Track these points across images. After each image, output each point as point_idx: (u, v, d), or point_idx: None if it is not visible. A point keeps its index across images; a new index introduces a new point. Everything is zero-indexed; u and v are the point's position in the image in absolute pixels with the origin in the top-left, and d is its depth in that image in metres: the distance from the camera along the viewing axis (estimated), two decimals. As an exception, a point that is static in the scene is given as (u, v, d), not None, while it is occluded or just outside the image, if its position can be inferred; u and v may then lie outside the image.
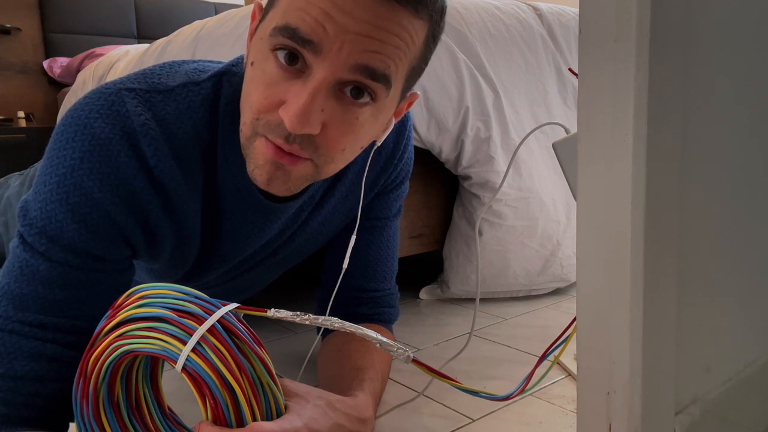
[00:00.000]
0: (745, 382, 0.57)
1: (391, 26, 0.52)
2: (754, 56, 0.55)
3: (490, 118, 1.17)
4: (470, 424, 0.73)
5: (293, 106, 0.52)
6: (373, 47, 0.51)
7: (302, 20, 0.51)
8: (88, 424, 0.51)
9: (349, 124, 0.55)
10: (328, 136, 0.55)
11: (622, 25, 0.40)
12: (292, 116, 0.51)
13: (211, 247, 0.69)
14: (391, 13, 0.51)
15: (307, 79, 0.52)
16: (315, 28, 0.50)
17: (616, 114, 0.42)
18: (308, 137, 0.54)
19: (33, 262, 0.56)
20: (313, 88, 0.51)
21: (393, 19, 0.51)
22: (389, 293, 0.84)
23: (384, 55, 0.52)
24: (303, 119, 0.51)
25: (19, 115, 2.71)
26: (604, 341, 0.45)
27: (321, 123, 0.53)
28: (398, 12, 0.51)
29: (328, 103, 0.53)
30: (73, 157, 0.55)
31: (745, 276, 0.58)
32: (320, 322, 0.51)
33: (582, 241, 0.46)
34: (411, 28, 0.53)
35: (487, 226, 1.20)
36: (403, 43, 0.53)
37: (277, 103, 0.53)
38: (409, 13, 0.52)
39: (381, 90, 0.54)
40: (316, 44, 0.51)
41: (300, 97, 0.52)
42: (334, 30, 0.50)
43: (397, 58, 0.54)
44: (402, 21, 0.52)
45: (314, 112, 0.52)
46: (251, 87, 0.55)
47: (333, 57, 0.51)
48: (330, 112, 0.54)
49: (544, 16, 1.35)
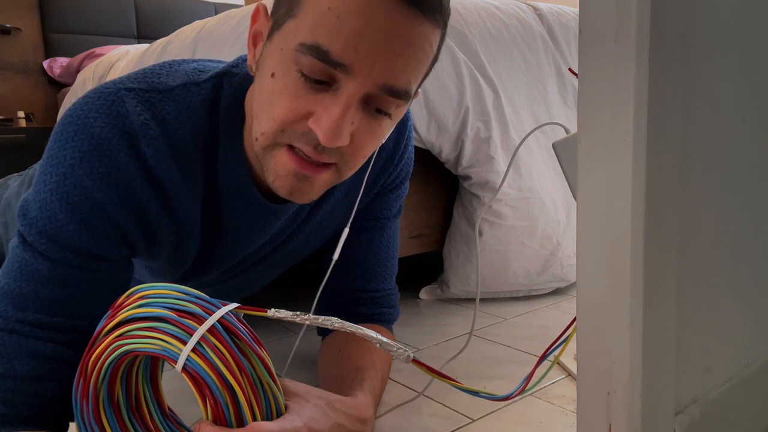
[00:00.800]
0: (745, 382, 0.57)
1: (416, 39, 0.52)
2: (754, 56, 0.55)
3: (490, 118, 1.17)
4: (470, 424, 0.73)
5: (327, 121, 0.52)
6: (401, 66, 0.52)
7: (333, 42, 0.50)
8: (88, 424, 0.51)
9: (373, 133, 0.57)
10: (355, 145, 0.56)
11: (622, 25, 0.40)
12: (327, 130, 0.52)
13: (211, 246, 0.69)
14: (416, 26, 0.52)
15: (337, 93, 0.52)
16: (347, 50, 0.50)
17: (616, 114, 0.42)
18: (337, 147, 0.54)
19: (33, 262, 0.56)
20: (345, 103, 0.52)
21: (421, 33, 0.52)
22: (389, 293, 0.84)
23: (408, 72, 0.53)
24: (337, 133, 0.52)
25: (19, 115, 2.71)
26: (604, 341, 0.45)
27: (350, 135, 0.54)
28: (423, 24, 0.52)
29: (357, 116, 0.54)
30: (72, 156, 0.55)
31: (745, 276, 0.58)
32: (320, 322, 0.51)
33: (582, 241, 0.46)
34: (432, 37, 0.54)
35: (487, 226, 1.20)
36: (425, 54, 0.54)
37: (304, 115, 0.53)
38: (431, 23, 0.53)
39: (401, 104, 0.56)
40: (347, 66, 0.51)
41: (333, 111, 0.52)
42: (366, 50, 0.50)
43: (418, 71, 0.55)
44: (425, 32, 0.53)
45: (346, 126, 0.53)
46: (273, 98, 0.54)
47: (364, 75, 0.51)
48: (358, 123, 0.55)
49: (544, 16, 1.35)
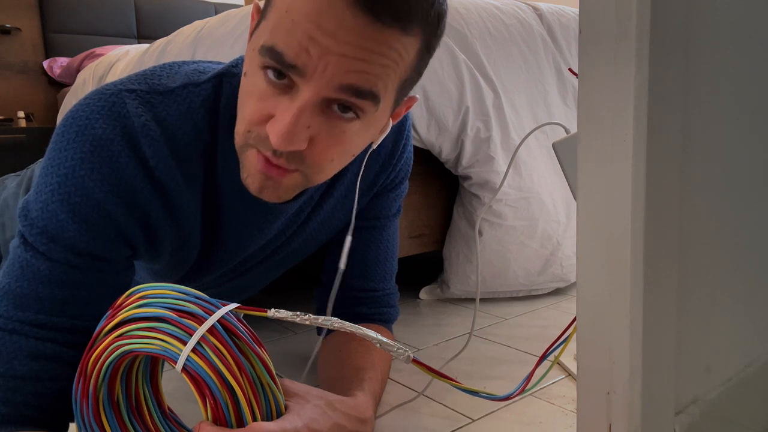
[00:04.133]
0: (745, 382, 0.57)
1: (376, 47, 0.50)
2: (754, 56, 0.55)
3: (490, 118, 1.17)
4: (470, 424, 0.73)
5: (279, 125, 0.52)
6: (358, 67, 0.51)
7: (287, 44, 0.50)
8: (88, 424, 0.51)
9: (336, 138, 0.55)
10: (315, 150, 0.55)
11: (622, 25, 0.40)
12: (278, 135, 0.52)
13: (211, 247, 0.69)
14: (376, 34, 0.50)
15: (294, 96, 0.52)
16: (299, 53, 0.50)
17: (616, 114, 0.42)
18: (295, 152, 0.54)
19: (34, 262, 0.56)
20: (299, 108, 0.51)
21: (378, 39, 0.50)
22: (389, 293, 0.84)
23: (370, 74, 0.51)
24: (288, 138, 0.51)
25: (19, 115, 2.72)
26: (604, 341, 0.45)
27: (307, 139, 0.53)
28: (383, 32, 0.50)
29: (315, 120, 0.53)
30: (74, 157, 0.55)
31: (745, 276, 0.58)
32: (320, 322, 0.52)
33: (582, 241, 0.46)
34: (399, 45, 0.52)
35: (487, 226, 1.20)
36: (391, 61, 0.52)
37: (266, 117, 0.53)
38: (397, 32, 0.51)
39: (368, 106, 0.54)
40: (300, 69, 0.50)
41: (286, 115, 0.52)
42: (318, 53, 0.50)
43: (386, 75, 0.53)
44: (388, 40, 0.51)
45: (300, 131, 0.52)
46: (244, 98, 0.56)
47: (317, 78, 0.50)
48: (317, 127, 0.53)
49: (544, 16, 1.35)
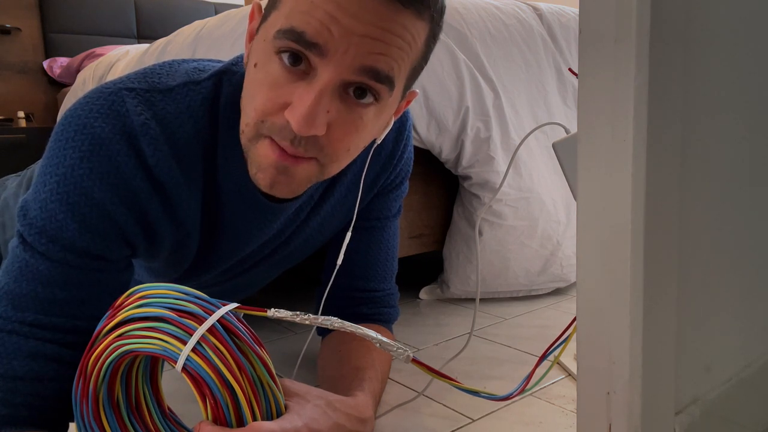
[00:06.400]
0: (745, 382, 0.57)
1: (394, 28, 0.52)
2: (754, 56, 0.55)
3: (490, 118, 1.17)
4: (470, 424, 0.73)
5: (299, 109, 0.52)
6: (378, 49, 0.52)
7: (307, 23, 0.51)
8: (88, 424, 0.51)
9: (354, 124, 0.56)
10: (333, 137, 0.55)
11: (622, 25, 0.40)
12: (299, 118, 0.52)
13: (210, 245, 0.69)
14: (394, 15, 0.52)
15: (312, 81, 0.52)
16: (321, 31, 0.50)
17: (616, 114, 0.42)
18: (314, 138, 0.54)
19: (33, 262, 0.56)
20: (319, 90, 0.52)
21: (396, 20, 0.52)
22: (389, 293, 0.84)
23: (388, 56, 0.53)
24: (309, 121, 0.52)
25: (19, 115, 2.71)
26: (604, 341, 0.45)
27: (326, 124, 0.53)
28: (401, 13, 0.52)
29: (333, 104, 0.53)
30: (73, 156, 0.55)
31: (745, 276, 0.58)
32: (320, 322, 0.51)
33: (582, 241, 0.46)
34: (413, 29, 0.54)
35: (487, 226, 1.20)
36: (405, 44, 0.54)
37: (282, 105, 0.53)
38: (412, 14, 0.53)
39: (385, 91, 0.55)
40: (321, 47, 0.51)
41: (306, 99, 0.52)
42: (340, 32, 0.50)
43: (400, 59, 0.54)
44: (405, 22, 0.52)
45: (320, 114, 0.52)
46: (255, 89, 0.55)
47: (339, 59, 0.51)
48: (335, 113, 0.54)
49: (544, 16, 1.35)
